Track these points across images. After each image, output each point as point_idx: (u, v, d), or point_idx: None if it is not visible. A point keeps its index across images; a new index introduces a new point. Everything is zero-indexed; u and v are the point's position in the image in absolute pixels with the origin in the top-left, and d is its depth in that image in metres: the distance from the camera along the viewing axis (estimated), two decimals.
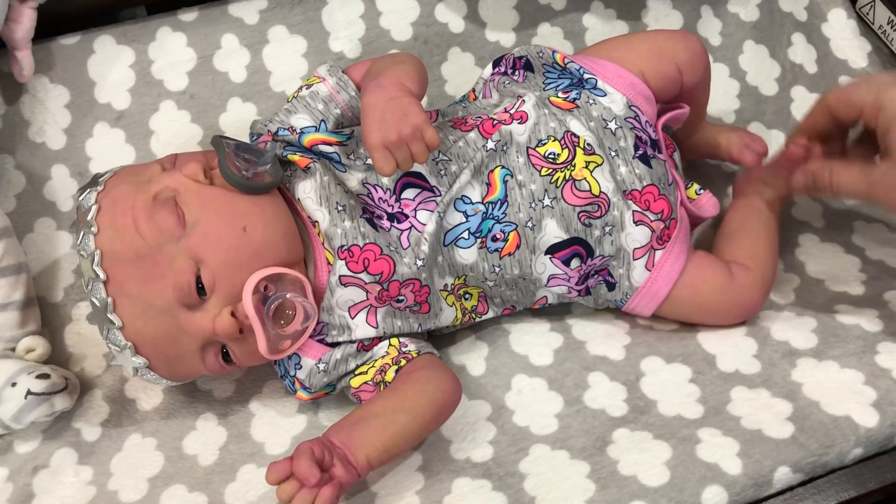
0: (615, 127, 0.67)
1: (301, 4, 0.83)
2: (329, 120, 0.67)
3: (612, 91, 0.69)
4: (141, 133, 0.80)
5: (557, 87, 0.70)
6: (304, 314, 0.60)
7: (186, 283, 0.57)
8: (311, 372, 0.63)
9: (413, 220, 0.63)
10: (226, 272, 0.58)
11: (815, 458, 0.58)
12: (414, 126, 0.57)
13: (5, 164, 0.77)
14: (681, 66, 0.71)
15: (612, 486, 0.58)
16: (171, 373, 0.62)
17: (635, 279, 0.67)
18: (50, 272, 0.75)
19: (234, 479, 0.62)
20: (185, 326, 0.58)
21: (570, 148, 0.66)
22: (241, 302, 0.57)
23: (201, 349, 0.60)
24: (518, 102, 0.68)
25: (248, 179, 0.61)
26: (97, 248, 0.58)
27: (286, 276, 0.60)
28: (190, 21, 0.81)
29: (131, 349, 0.59)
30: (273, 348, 0.59)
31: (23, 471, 0.64)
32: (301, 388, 0.64)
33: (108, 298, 0.58)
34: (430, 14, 0.85)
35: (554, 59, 0.71)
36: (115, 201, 0.60)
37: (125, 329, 0.58)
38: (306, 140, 0.65)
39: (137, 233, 0.58)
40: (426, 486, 0.60)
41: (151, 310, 0.58)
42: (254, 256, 0.59)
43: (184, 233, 0.58)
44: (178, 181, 0.61)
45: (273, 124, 0.67)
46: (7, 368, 0.64)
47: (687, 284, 0.68)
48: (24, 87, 0.78)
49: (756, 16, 0.90)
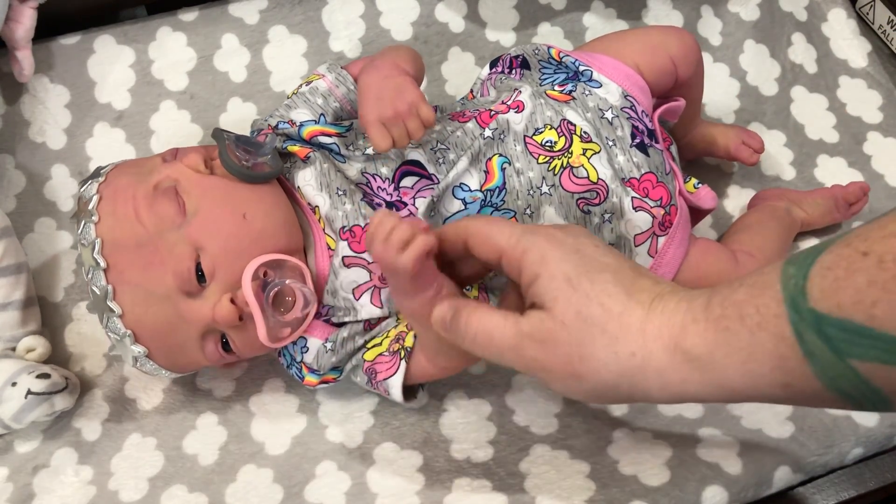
0: (612, 116, 0.67)
1: (301, 4, 0.83)
2: (328, 113, 0.68)
3: (608, 82, 0.69)
4: (141, 133, 0.80)
5: (553, 82, 0.70)
6: (303, 301, 0.60)
7: (186, 270, 0.57)
8: (318, 352, 0.63)
9: (411, 208, 0.63)
10: (225, 259, 0.58)
11: (815, 458, 0.58)
12: (409, 102, 0.59)
13: (5, 164, 0.77)
14: (674, 58, 0.71)
15: (612, 485, 0.58)
16: (171, 362, 0.62)
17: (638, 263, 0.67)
18: (50, 272, 0.75)
19: (235, 479, 0.62)
20: (185, 314, 0.58)
21: (566, 136, 0.66)
22: (240, 289, 0.57)
23: (201, 337, 0.60)
24: (514, 94, 0.68)
25: (248, 168, 0.61)
26: (98, 237, 0.58)
27: (286, 263, 0.60)
28: (190, 21, 0.81)
29: (130, 337, 0.59)
30: (273, 336, 0.59)
31: (23, 470, 0.64)
32: (309, 372, 0.64)
33: (108, 286, 0.58)
34: (430, 14, 0.85)
35: (549, 55, 0.72)
36: (117, 191, 0.60)
37: (125, 317, 0.58)
38: (305, 132, 0.65)
39: (138, 221, 0.58)
40: (426, 486, 0.60)
41: (151, 297, 0.58)
42: (253, 243, 0.59)
43: (184, 221, 0.58)
44: (179, 171, 0.61)
45: (273, 119, 0.68)
46: (7, 368, 0.64)
47: (691, 268, 0.67)
48: (24, 87, 0.78)
49: (756, 15, 0.90)
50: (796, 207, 0.76)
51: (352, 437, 0.64)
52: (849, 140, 0.86)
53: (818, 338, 0.36)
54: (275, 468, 0.63)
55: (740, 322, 0.39)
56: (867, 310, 0.34)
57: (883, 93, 0.89)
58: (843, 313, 0.35)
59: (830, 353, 0.36)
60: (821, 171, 0.84)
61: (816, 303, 0.36)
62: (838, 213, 0.78)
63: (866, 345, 0.35)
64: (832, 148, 0.86)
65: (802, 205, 0.77)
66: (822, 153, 0.86)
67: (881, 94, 0.89)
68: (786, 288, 0.38)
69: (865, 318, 0.34)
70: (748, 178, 0.84)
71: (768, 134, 0.86)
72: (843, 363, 0.36)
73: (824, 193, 0.79)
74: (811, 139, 0.87)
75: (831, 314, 0.35)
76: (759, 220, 0.75)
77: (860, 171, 0.83)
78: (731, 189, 0.83)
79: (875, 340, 0.34)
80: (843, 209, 0.78)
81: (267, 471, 0.63)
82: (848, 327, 0.35)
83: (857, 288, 0.35)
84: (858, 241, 0.36)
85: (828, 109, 0.89)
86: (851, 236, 0.37)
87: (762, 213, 0.76)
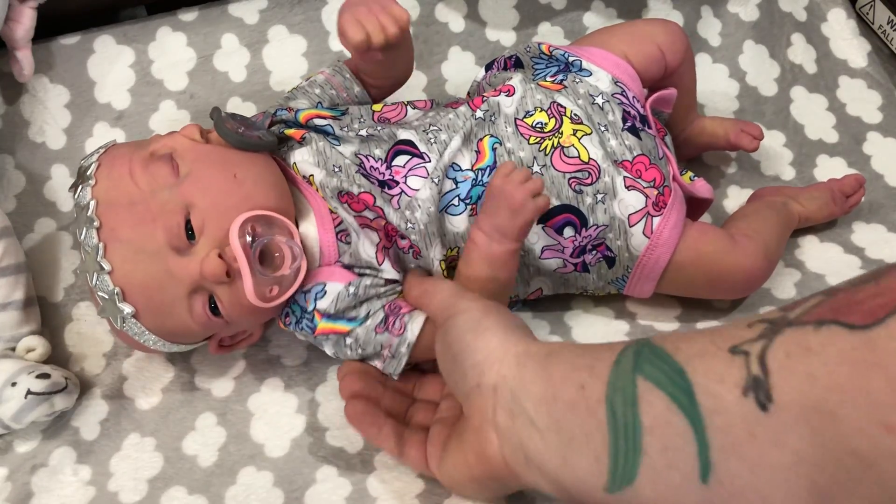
0: (602, 101, 0.68)
1: (301, 4, 0.83)
2: (325, 100, 0.70)
3: (597, 70, 0.70)
4: (141, 133, 0.80)
5: (546, 75, 0.71)
6: (291, 257, 0.60)
7: (176, 225, 0.58)
8: (338, 295, 0.62)
9: (403, 186, 0.64)
10: (215, 214, 0.58)
11: None
12: (382, 3, 0.62)
13: (5, 164, 0.77)
14: (661, 45, 0.73)
15: None
16: (158, 324, 0.61)
17: (634, 247, 0.66)
18: (50, 272, 0.75)
19: (235, 482, 0.62)
20: (174, 269, 0.58)
21: (556, 117, 0.66)
22: (229, 245, 0.58)
23: (189, 296, 0.59)
24: (506, 80, 0.69)
25: (241, 135, 0.62)
26: (93, 198, 0.59)
27: (274, 221, 0.60)
28: (190, 21, 0.81)
29: (119, 295, 0.59)
30: (260, 293, 0.58)
31: (22, 470, 0.64)
32: (323, 318, 0.63)
33: (99, 244, 0.58)
34: (430, 13, 0.86)
35: (540, 50, 0.72)
36: (115, 157, 0.62)
37: (114, 273, 0.58)
38: (302, 115, 0.66)
39: (132, 181, 0.59)
40: (427, 490, 0.59)
41: (141, 253, 0.58)
42: (243, 200, 0.59)
43: (177, 181, 0.59)
44: (176, 140, 0.63)
45: (271, 108, 0.69)
46: (7, 368, 0.64)
47: (689, 247, 0.67)
48: (24, 87, 0.78)
49: (756, 16, 0.90)
50: (793, 202, 0.76)
51: (352, 443, 0.64)
52: (848, 140, 0.86)
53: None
54: (275, 471, 0.62)
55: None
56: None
57: (883, 93, 0.89)
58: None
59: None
60: (820, 171, 0.84)
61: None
62: (835, 206, 0.78)
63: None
64: (832, 148, 0.86)
65: (799, 199, 0.77)
66: (821, 153, 0.86)
67: (881, 94, 0.89)
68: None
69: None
70: (747, 179, 0.84)
71: (768, 134, 0.86)
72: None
73: (820, 187, 0.79)
74: (811, 139, 0.87)
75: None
76: (757, 208, 0.76)
77: (860, 172, 0.83)
78: (730, 189, 0.83)
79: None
80: (841, 202, 0.78)
81: (267, 473, 0.62)
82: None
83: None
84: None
85: (827, 109, 0.89)
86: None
87: (759, 203, 0.77)
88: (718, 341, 0.41)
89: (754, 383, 0.37)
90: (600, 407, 0.43)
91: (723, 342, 0.40)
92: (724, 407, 0.38)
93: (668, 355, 0.42)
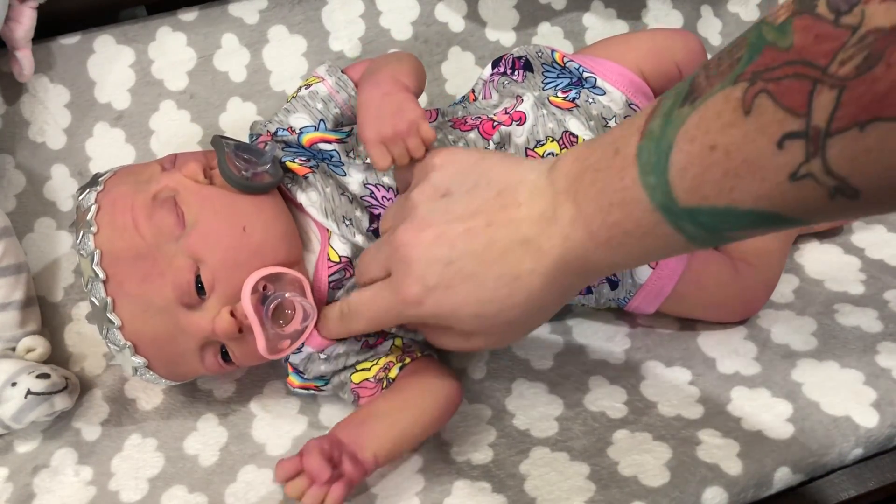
0: (615, 126, 0.67)
1: (301, 4, 0.83)
2: (328, 119, 0.67)
3: (612, 90, 0.69)
4: (141, 133, 0.80)
5: (557, 87, 0.70)
6: (303, 313, 0.60)
7: (186, 282, 0.57)
8: (310, 358, 0.63)
9: None
10: (225, 272, 0.58)
11: (815, 459, 0.58)
12: (409, 121, 0.58)
13: (5, 164, 0.77)
14: (679, 64, 0.71)
15: (612, 486, 0.58)
16: (171, 372, 0.62)
17: (639, 276, 0.67)
18: (50, 272, 0.75)
19: (235, 479, 0.62)
20: (185, 326, 0.58)
21: (568, 147, 0.66)
22: (240, 302, 0.57)
23: (200, 349, 0.60)
24: (517, 102, 0.68)
25: (248, 179, 0.60)
26: (97, 248, 0.58)
27: (285, 276, 0.59)
28: (190, 21, 0.81)
29: (131, 349, 0.59)
30: (272, 348, 0.59)
31: (23, 470, 0.64)
32: (293, 372, 0.64)
33: (107, 298, 0.58)
34: (430, 13, 0.85)
35: (553, 59, 0.71)
36: (115, 201, 0.60)
37: (124, 328, 0.58)
38: (305, 139, 0.64)
39: (137, 232, 0.58)
40: (426, 488, 0.60)
41: (151, 309, 0.58)
42: (253, 256, 0.59)
43: (183, 232, 0.58)
44: (178, 181, 0.61)
45: (272, 125, 0.67)
46: (7, 368, 0.64)
47: (692, 280, 0.67)
48: (24, 87, 0.78)
49: (756, 15, 0.90)
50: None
51: None
52: None
53: (694, 226, 0.43)
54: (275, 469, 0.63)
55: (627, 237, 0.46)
56: (728, 195, 0.40)
57: None
58: (710, 202, 0.41)
59: (708, 232, 0.43)
60: None
61: (685, 201, 0.42)
62: None
63: (734, 221, 0.41)
64: None
65: None
66: None
67: None
68: (654, 199, 0.43)
69: (729, 202, 0.40)
70: None
71: None
72: (720, 236, 0.43)
73: None
74: None
75: (700, 206, 0.41)
76: None
77: None
78: None
79: (739, 217, 0.41)
80: None
81: (267, 471, 0.62)
82: (717, 212, 0.41)
83: (715, 181, 0.40)
84: (700, 134, 0.40)
85: None
86: (690, 127, 0.41)
87: None
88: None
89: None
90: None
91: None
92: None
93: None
